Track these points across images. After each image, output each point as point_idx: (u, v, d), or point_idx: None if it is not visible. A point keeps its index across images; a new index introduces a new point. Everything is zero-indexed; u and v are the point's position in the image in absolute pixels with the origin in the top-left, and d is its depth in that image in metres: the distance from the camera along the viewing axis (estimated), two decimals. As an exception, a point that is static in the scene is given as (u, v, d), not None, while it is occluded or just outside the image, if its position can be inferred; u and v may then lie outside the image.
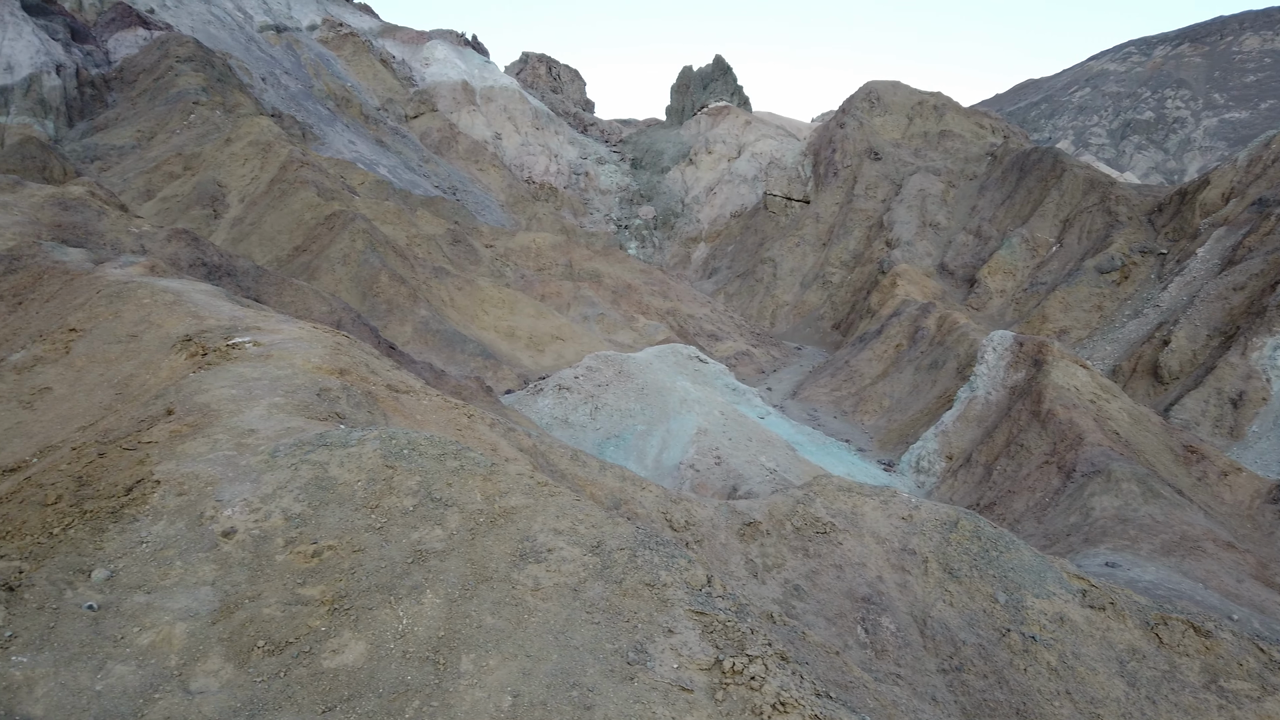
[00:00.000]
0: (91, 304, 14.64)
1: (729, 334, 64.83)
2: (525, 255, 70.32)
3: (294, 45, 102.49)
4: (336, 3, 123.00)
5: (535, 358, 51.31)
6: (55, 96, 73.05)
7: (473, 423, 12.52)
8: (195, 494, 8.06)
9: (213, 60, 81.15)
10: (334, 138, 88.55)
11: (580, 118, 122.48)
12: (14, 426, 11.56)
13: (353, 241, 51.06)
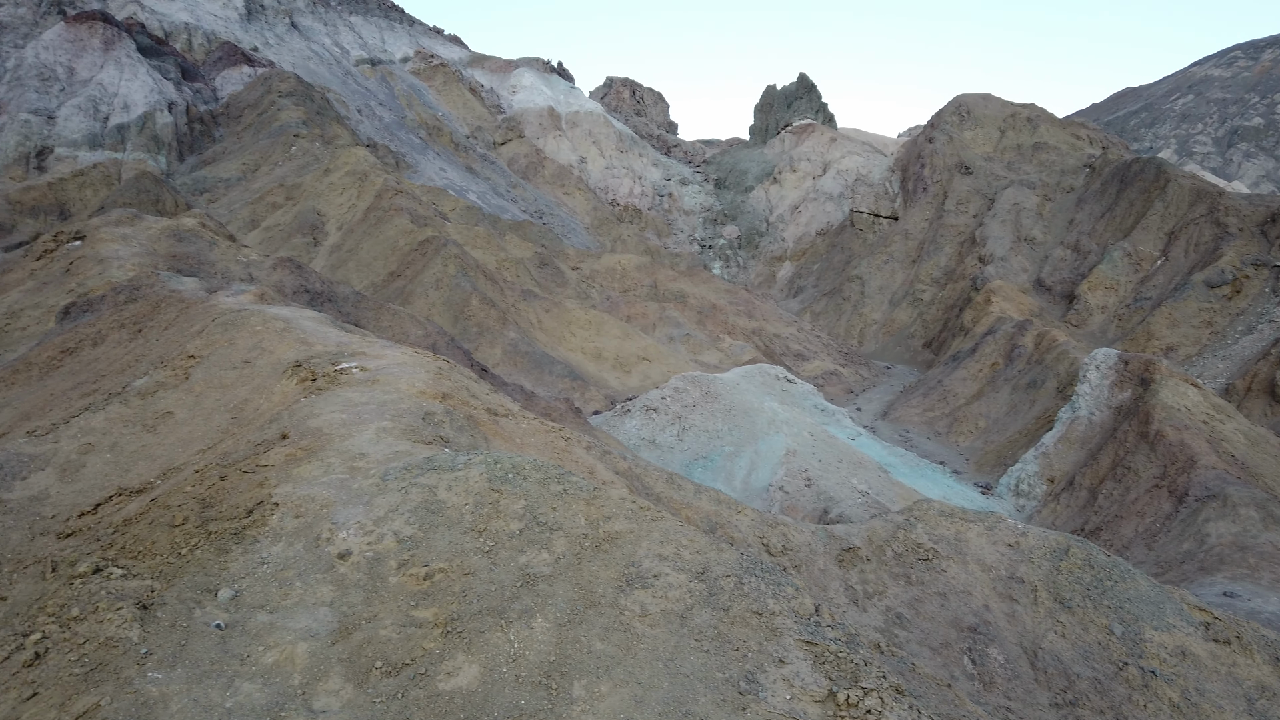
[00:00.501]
0: (208, 332, 15.33)
1: (816, 353, 64.06)
2: (610, 277, 70.93)
3: (388, 77, 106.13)
4: (428, 35, 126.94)
5: (622, 379, 51.59)
6: (167, 133, 77.15)
7: (569, 446, 12.65)
8: (311, 516, 8.34)
9: (312, 94, 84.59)
10: (426, 165, 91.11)
11: (664, 139, 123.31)
12: (139, 449, 12.17)
13: (445, 266, 52.33)
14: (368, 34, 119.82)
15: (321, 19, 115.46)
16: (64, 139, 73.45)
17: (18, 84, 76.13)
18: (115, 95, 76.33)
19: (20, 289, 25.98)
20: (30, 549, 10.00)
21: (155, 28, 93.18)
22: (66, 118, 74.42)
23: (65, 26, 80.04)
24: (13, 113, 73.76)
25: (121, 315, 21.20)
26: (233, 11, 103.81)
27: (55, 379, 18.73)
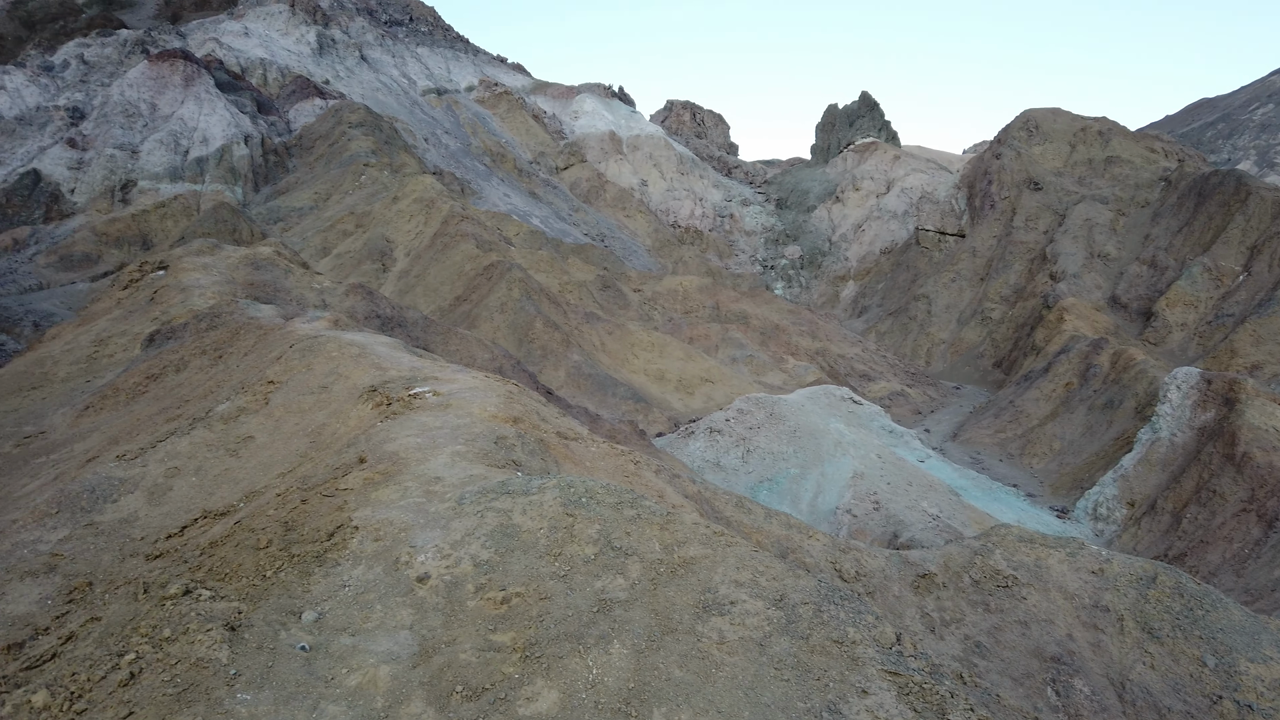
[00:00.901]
0: (286, 358, 15.75)
1: (882, 374, 63.14)
2: (672, 299, 71.03)
3: (453, 106, 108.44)
4: (492, 64, 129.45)
5: (685, 400, 51.51)
6: (244, 164, 79.88)
7: (639, 469, 12.65)
8: (390, 540, 8.46)
9: (381, 124, 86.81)
10: (490, 191, 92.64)
11: (724, 161, 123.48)
12: (222, 473, 12.52)
13: (509, 290, 53.02)
14: (434, 64, 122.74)
15: (390, 51, 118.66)
16: (146, 172, 76.51)
17: (104, 121, 79.70)
18: (195, 129, 79.37)
19: (108, 317, 27.06)
20: (121, 570, 10.34)
21: (232, 64, 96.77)
22: (149, 152, 77.55)
23: (148, 65, 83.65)
24: (99, 148, 77.17)
25: (203, 342, 21.92)
26: (305, 46, 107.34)
27: (141, 404, 19.41)
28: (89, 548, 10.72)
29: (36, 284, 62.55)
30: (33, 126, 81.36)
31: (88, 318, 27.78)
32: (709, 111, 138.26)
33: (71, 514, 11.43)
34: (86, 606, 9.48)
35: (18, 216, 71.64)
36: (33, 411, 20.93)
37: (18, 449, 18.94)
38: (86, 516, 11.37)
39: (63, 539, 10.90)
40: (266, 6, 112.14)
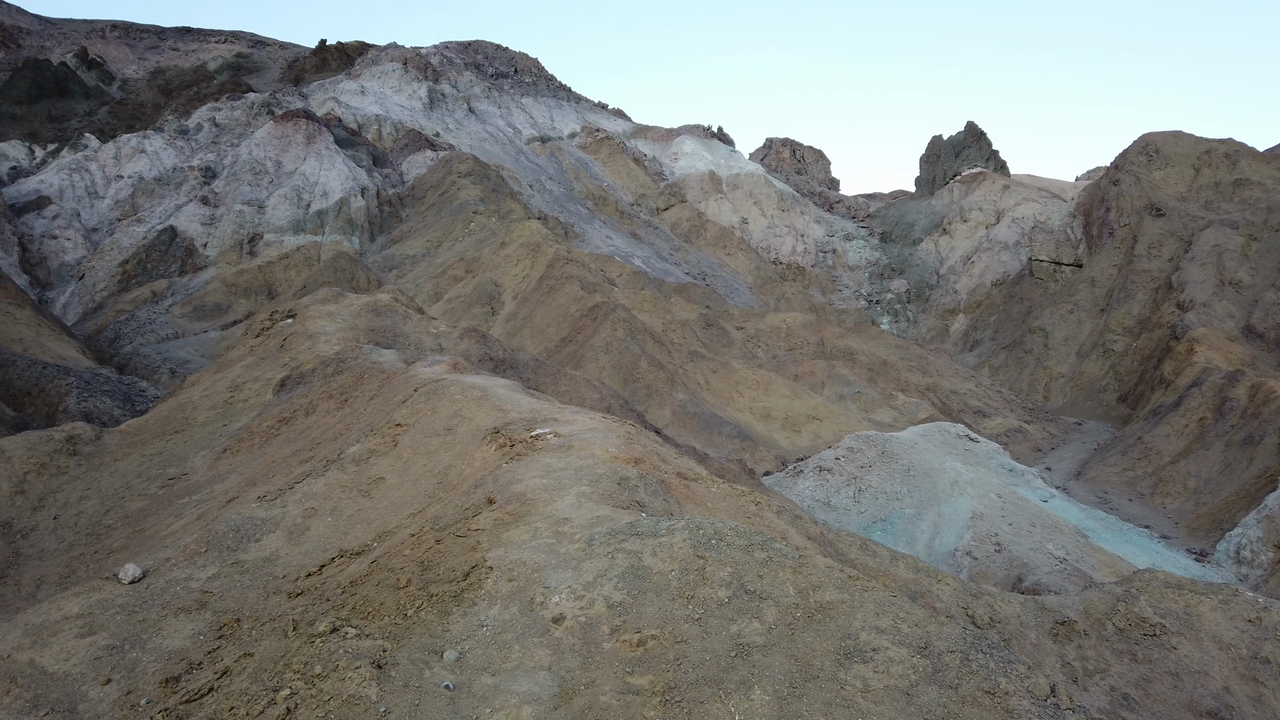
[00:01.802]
0: (412, 401, 16.27)
1: (998, 410, 60.99)
2: (776, 336, 70.51)
3: (556, 153, 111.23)
4: (593, 110, 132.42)
5: (792, 438, 50.83)
6: (360, 215, 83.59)
7: (760, 510, 12.52)
8: (524, 580, 8.59)
9: (488, 173, 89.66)
10: (593, 234, 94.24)
11: (825, 196, 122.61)
12: (356, 513, 12.98)
13: (614, 330, 53.59)
14: (538, 113, 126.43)
15: (496, 103, 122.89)
16: (272, 225, 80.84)
17: (234, 178, 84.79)
18: (316, 184, 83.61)
19: (242, 364, 28.56)
20: (266, 607, 10.78)
21: (350, 120, 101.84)
22: (274, 206, 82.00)
23: (274, 125, 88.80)
24: (229, 204, 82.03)
25: (330, 386, 22.87)
26: (417, 102, 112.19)
27: (275, 446, 20.33)
28: (235, 585, 11.23)
29: (173, 333, 66.58)
30: (170, 186, 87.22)
31: (223, 364, 29.38)
32: (809, 147, 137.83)
33: (219, 553, 12.02)
34: (236, 642, 9.92)
35: (156, 270, 76.59)
36: (176, 454, 22.16)
37: (163, 490, 20.07)
38: (232, 555, 11.94)
39: (211, 576, 11.46)
40: (381, 66, 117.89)
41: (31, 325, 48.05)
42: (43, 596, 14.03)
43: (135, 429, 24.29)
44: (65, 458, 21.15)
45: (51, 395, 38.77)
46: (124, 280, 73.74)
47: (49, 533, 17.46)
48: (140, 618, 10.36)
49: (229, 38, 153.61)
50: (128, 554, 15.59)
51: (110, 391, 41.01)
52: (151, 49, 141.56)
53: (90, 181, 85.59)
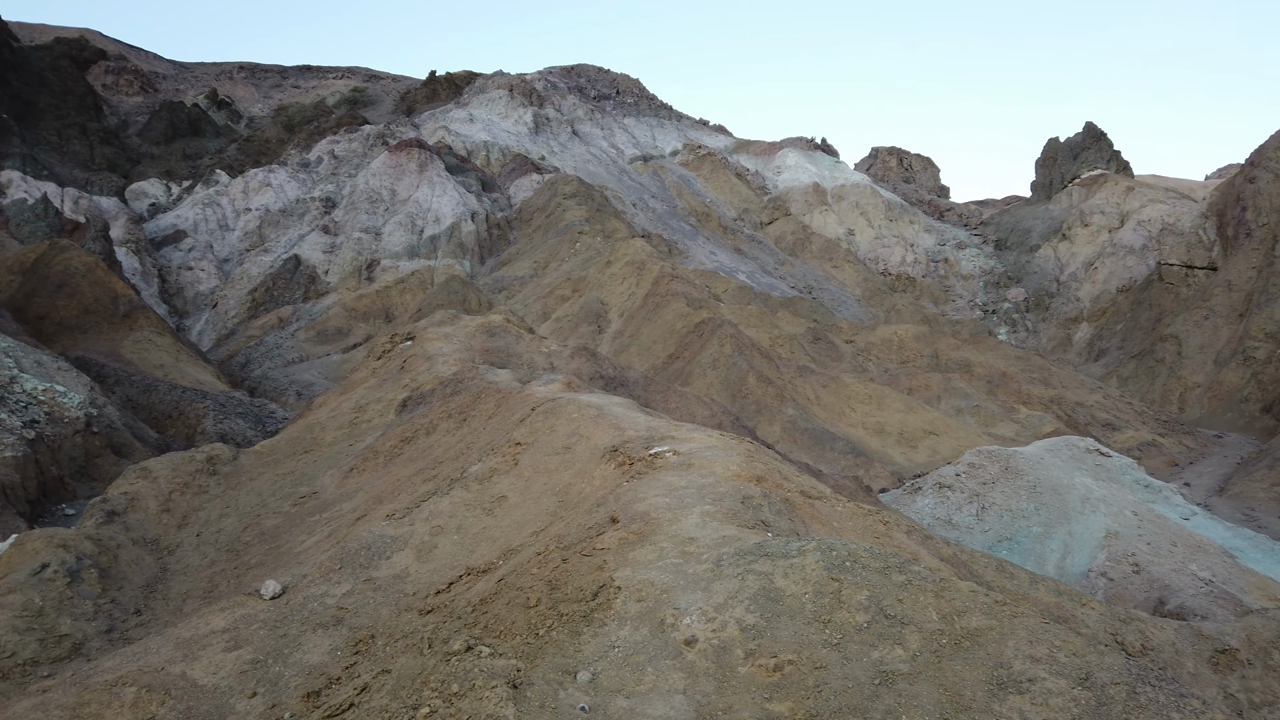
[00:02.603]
0: (530, 420, 16.47)
1: (1128, 422, 57.87)
2: (887, 348, 68.85)
3: (659, 171, 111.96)
4: (695, 127, 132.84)
5: (908, 454, 49.40)
6: (471, 239, 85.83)
7: (889, 530, 12.10)
8: (653, 601, 8.49)
9: (592, 194, 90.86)
10: (696, 250, 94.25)
11: (935, 204, 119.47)
12: (480, 531, 13.17)
13: (721, 346, 53.33)
14: (639, 133, 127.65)
15: (599, 124, 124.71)
16: (388, 251, 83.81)
17: (352, 207, 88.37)
18: (428, 210, 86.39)
19: (365, 385, 29.57)
20: (398, 623, 11.01)
21: (459, 148, 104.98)
22: (390, 233, 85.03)
23: (389, 155, 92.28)
24: (348, 232, 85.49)
25: (449, 406, 23.41)
26: (523, 127, 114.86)
27: (399, 465, 20.91)
28: (369, 602, 11.51)
29: (298, 356, 69.68)
30: (293, 217, 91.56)
31: (348, 386, 30.49)
32: (916, 155, 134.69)
33: (352, 570, 12.36)
34: (372, 658, 10.15)
35: (282, 297, 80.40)
36: (306, 473, 23.05)
37: (295, 507, 20.87)
38: (365, 572, 12.26)
39: (346, 593, 11.78)
40: (488, 94, 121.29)
41: (171, 352, 51.05)
42: (189, 610, 14.72)
43: (268, 449, 25.39)
44: (206, 477, 22.27)
45: (190, 418, 41.04)
46: (253, 307, 77.66)
47: (192, 549, 18.37)
48: (281, 633, 10.73)
49: (345, 73, 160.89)
50: (265, 570, 16.24)
51: (243, 413, 43.14)
52: (275, 87, 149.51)
53: (221, 215, 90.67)
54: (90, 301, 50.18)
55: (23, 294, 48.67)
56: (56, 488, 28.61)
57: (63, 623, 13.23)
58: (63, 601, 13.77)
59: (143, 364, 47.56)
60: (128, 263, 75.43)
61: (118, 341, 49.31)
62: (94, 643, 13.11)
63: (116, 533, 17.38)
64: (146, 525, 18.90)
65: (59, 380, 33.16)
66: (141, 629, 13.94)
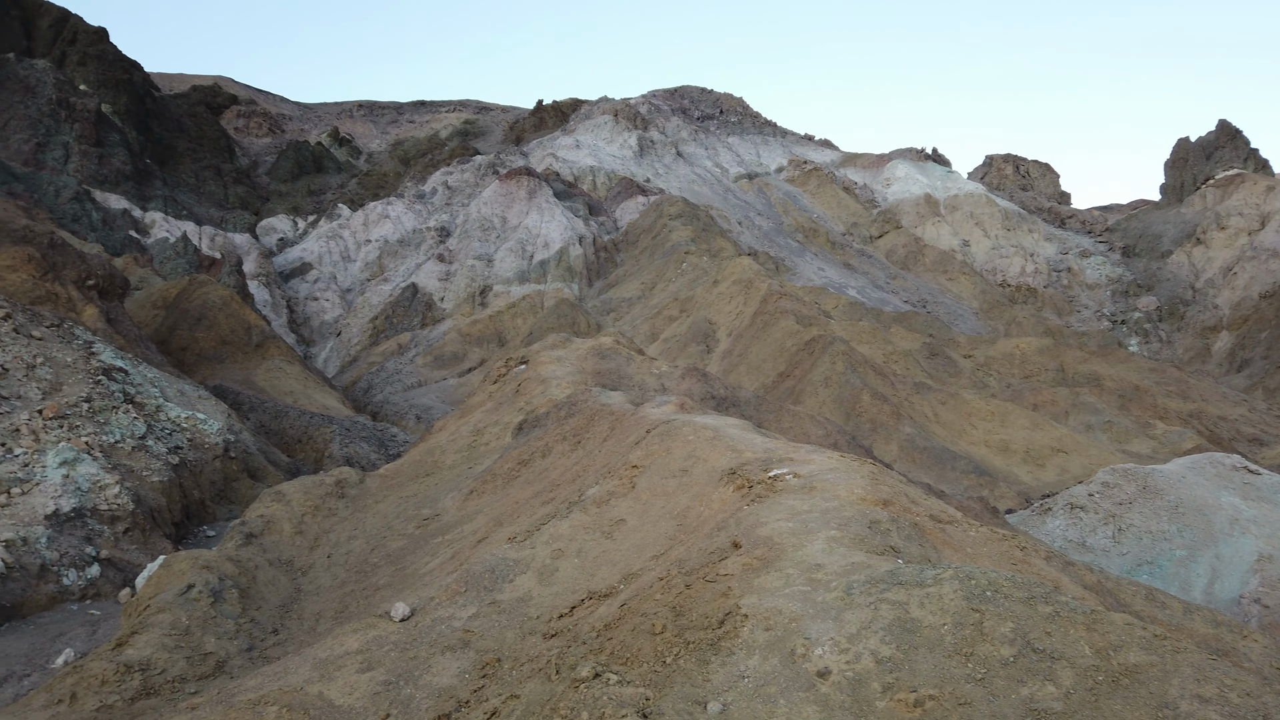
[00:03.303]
0: (645, 443, 16.44)
1: (1278, 437, 53.92)
2: (1008, 363, 66.27)
3: (764, 188, 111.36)
4: (800, 143, 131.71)
5: (1035, 473, 47.27)
6: (579, 263, 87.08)
7: (1027, 556, 11.49)
8: (781, 630, 8.26)
9: (698, 213, 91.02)
10: (804, 267, 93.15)
11: (1056, 211, 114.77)
12: (600, 555, 13.17)
13: (833, 364, 52.37)
14: (744, 151, 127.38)
15: (703, 145, 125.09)
16: (499, 277, 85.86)
17: (465, 236, 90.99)
18: (538, 236, 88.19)
19: (482, 409, 30.23)
20: (523, 647, 11.08)
21: (566, 174, 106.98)
22: (501, 259, 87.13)
23: (499, 183, 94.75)
24: (462, 260, 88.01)
25: (564, 429, 23.64)
26: (628, 151, 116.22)
27: (516, 487, 21.21)
28: (494, 625, 11.64)
29: (417, 381, 71.96)
30: (410, 246, 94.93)
31: (466, 410, 31.22)
32: (1034, 162, 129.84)
33: (476, 593, 12.53)
34: (499, 682, 10.23)
35: (401, 324, 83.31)
36: (428, 496, 23.65)
37: (419, 529, 21.42)
38: (489, 595, 12.41)
39: (471, 616, 11.94)
40: (594, 120, 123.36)
41: (300, 379, 53.48)
42: (322, 630, 15.22)
43: (392, 472, 26.20)
44: (335, 500, 23.11)
45: (318, 442, 42.82)
46: (374, 335, 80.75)
47: (324, 570, 19.04)
48: (411, 655, 10.94)
49: (457, 106, 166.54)
50: (392, 591, 16.68)
51: (367, 437, 44.76)
52: (391, 123, 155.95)
53: (344, 247, 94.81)
54: (226, 333, 53.12)
55: (166, 327, 51.91)
56: (198, 510, 30.23)
57: (207, 641, 13.87)
58: (207, 620, 14.45)
59: (274, 391, 49.97)
60: (259, 295, 79.68)
61: (251, 370, 51.99)
62: (236, 661, 13.68)
63: (254, 554, 18.17)
64: (281, 547, 19.71)
65: (199, 408, 35.12)
66: (279, 648, 14.48)
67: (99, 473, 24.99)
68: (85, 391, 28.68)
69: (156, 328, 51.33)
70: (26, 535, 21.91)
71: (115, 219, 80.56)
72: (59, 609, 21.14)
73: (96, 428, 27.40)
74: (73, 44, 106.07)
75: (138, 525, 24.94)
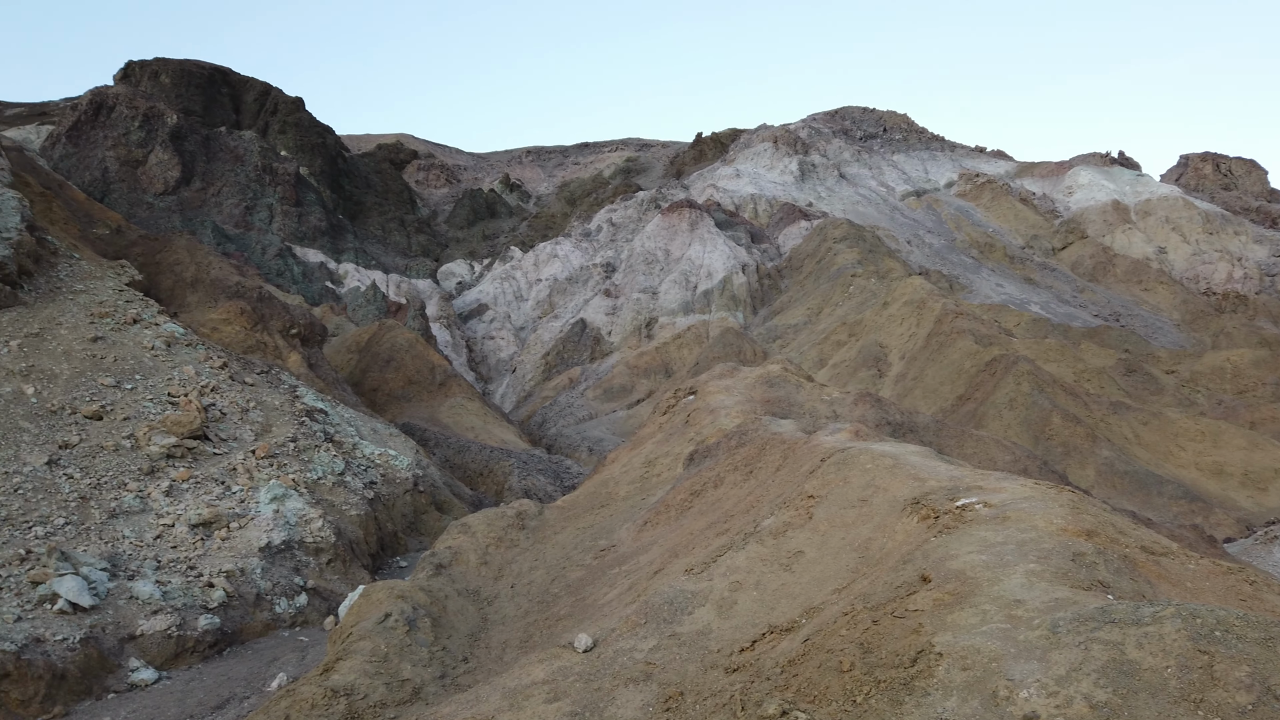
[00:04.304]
0: (821, 472, 16.04)
1: None
2: (1218, 378, 60.66)
3: (933, 205, 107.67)
4: (970, 156, 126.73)
5: (1256, 498, 42.85)
6: (743, 291, 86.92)
7: (1258, 591, 10.34)
8: (980, 670, 7.77)
9: (863, 235, 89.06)
10: (980, 284, 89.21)
11: (1266, 211, 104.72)
12: (779, 588, 12.89)
13: (1017, 384, 49.63)
14: (910, 168, 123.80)
15: (867, 164, 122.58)
16: (664, 309, 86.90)
17: (630, 270, 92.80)
18: (700, 266, 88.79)
19: (653, 440, 30.51)
20: (705, 681, 10.96)
21: (727, 203, 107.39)
22: (665, 291, 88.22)
23: (661, 217, 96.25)
24: (628, 294, 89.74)
25: (735, 459, 23.47)
26: (789, 176, 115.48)
27: (689, 518, 21.19)
28: (675, 658, 11.59)
29: (588, 414, 73.67)
30: (578, 283, 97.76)
31: (637, 441, 31.61)
32: (1236, 159, 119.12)
33: (656, 625, 12.54)
34: (682, 716, 10.15)
35: (571, 359, 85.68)
36: (604, 527, 24.02)
37: (596, 560, 21.76)
38: (669, 628, 12.38)
39: (652, 648, 11.95)
40: (753, 148, 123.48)
41: (480, 415, 55.91)
42: (509, 659, 15.65)
43: (568, 504, 26.82)
44: (516, 531, 23.87)
45: (498, 475, 44.52)
46: (546, 370, 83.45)
47: (508, 599, 19.63)
48: (595, 686, 11.05)
49: (618, 145, 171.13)
50: (573, 621, 16.97)
51: (543, 470, 46.13)
52: (558, 166, 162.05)
53: (516, 287, 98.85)
54: (412, 373, 56.35)
55: (359, 369, 55.66)
56: (391, 542, 32.01)
57: (404, 668, 14.56)
58: (403, 648, 15.18)
59: (457, 427, 52.46)
60: (441, 336, 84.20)
61: (436, 407, 54.85)
62: (430, 688, 14.28)
63: (444, 584, 18.98)
64: (468, 577, 20.51)
65: (391, 445, 37.32)
66: (469, 676, 15.00)
67: (304, 507, 26.94)
68: (291, 432, 31.08)
69: (351, 370, 55.09)
70: (244, 566, 23.87)
71: (313, 271, 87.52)
72: (272, 635, 22.85)
73: (301, 465, 29.59)
74: (274, 114, 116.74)
75: (339, 556, 26.67)
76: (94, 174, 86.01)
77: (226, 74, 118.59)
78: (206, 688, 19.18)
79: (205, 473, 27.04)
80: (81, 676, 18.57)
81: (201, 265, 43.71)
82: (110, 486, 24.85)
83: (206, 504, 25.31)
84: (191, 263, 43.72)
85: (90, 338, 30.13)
